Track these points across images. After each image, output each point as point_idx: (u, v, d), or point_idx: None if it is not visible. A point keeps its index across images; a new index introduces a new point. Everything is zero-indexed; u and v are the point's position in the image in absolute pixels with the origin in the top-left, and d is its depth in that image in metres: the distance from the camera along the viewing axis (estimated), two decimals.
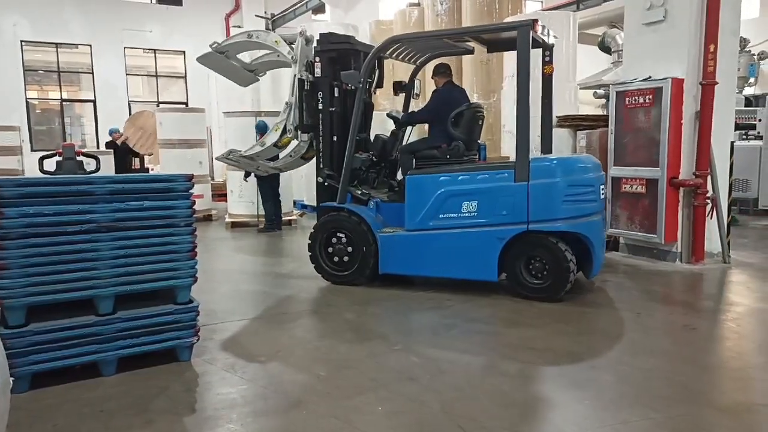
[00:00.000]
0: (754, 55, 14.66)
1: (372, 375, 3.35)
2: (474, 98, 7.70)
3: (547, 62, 5.14)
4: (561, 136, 8.22)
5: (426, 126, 6.18)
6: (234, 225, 9.20)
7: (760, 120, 9.49)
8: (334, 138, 5.57)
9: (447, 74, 5.57)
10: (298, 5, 17.95)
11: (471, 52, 6.01)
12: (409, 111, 6.00)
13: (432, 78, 5.68)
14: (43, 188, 3.11)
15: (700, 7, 5.63)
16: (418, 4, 14.09)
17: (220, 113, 14.33)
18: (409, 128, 5.93)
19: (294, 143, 5.88)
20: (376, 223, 5.17)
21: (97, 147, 16.08)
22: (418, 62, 6.04)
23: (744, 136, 9.83)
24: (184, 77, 19.57)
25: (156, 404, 3.01)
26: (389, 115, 5.85)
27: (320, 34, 5.76)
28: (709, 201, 5.81)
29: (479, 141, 5.67)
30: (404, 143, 5.83)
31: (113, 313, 3.29)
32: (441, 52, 5.95)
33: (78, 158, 4.24)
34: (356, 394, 3.10)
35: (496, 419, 2.80)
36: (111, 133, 10.91)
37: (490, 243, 4.69)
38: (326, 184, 5.59)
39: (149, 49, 18.56)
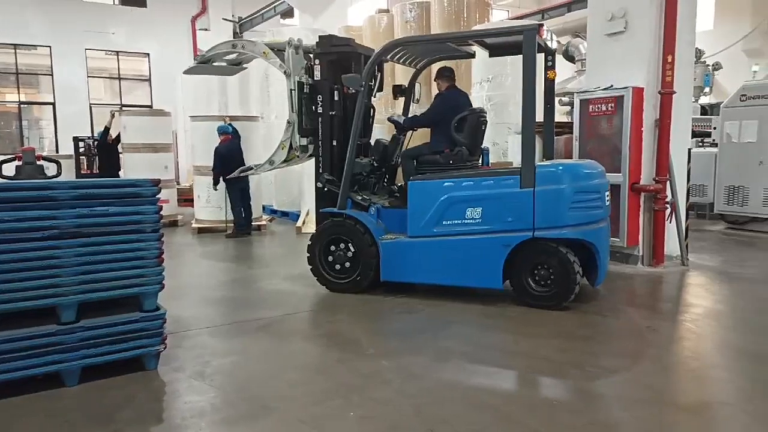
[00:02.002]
0: (708, 65, 15.22)
1: (343, 380, 3.34)
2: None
3: (549, 67, 5.06)
4: None
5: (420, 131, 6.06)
6: (201, 230, 9.06)
7: (715, 128, 9.85)
8: (334, 142, 5.48)
9: (450, 78, 5.45)
10: (267, 9, 17.84)
11: (472, 56, 5.93)
12: (409, 115, 5.87)
13: (435, 81, 5.57)
14: (3, 194, 3.02)
15: (658, 19, 5.83)
16: (388, 11, 14.18)
17: (186, 117, 14.13)
18: (409, 133, 5.82)
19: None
20: (377, 230, 5.05)
21: (57, 151, 15.64)
22: (418, 66, 5.96)
23: (700, 144, 10.20)
24: (149, 80, 19.24)
25: (122, 414, 2.94)
26: (390, 120, 5.74)
27: (320, 36, 5.68)
28: (668, 206, 6.00)
29: (482, 146, 5.61)
30: (404, 148, 5.73)
31: (76, 321, 3.20)
32: (442, 55, 5.88)
33: (38, 162, 4.12)
34: (328, 400, 3.09)
35: (469, 422, 2.83)
36: (101, 135, 10.57)
37: (495, 250, 4.61)
38: (326, 189, 5.48)
39: (112, 51, 18.17)
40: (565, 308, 4.56)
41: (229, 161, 8.21)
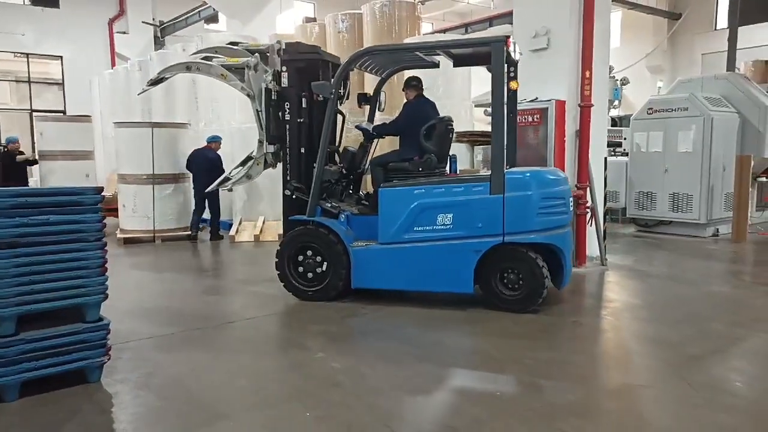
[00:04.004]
0: (617, 80, 16.38)
1: (296, 383, 3.41)
2: (377, 114, 7.94)
3: (512, 78, 5.16)
4: (459, 151, 8.73)
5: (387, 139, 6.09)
6: (127, 241, 8.72)
7: (625, 138, 10.67)
8: (302, 150, 5.45)
9: (418, 87, 5.54)
10: (191, 14, 17.46)
11: (437, 66, 6.04)
12: (377, 124, 5.88)
13: (403, 90, 5.63)
14: None
15: (577, 37, 6.31)
16: (315, 19, 14.25)
17: (104, 123, 13.52)
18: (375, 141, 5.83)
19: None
20: (347, 237, 5.04)
21: None
22: (383, 75, 5.96)
23: (612, 153, 11.00)
24: (61, 83, 18.26)
25: (69, 427, 2.87)
26: (358, 127, 5.74)
27: (286, 43, 5.65)
28: (588, 210, 6.47)
29: (449, 154, 5.71)
30: (371, 156, 5.74)
31: (16, 334, 3.08)
32: (406, 65, 5.96)
33: None
34: (282, 403, 3.15)
35: (421, 416, 2.98)
36: (9, 142, 9.82)
37: (465, 255, 4.68)
38: (294, 196, 5.43)
39: (21, 53, 17.12)
40: (498, 308, 4.80)
41: (198, 164, 8.59)
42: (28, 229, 3.10)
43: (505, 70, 4.86)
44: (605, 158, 6.89)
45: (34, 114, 16.16)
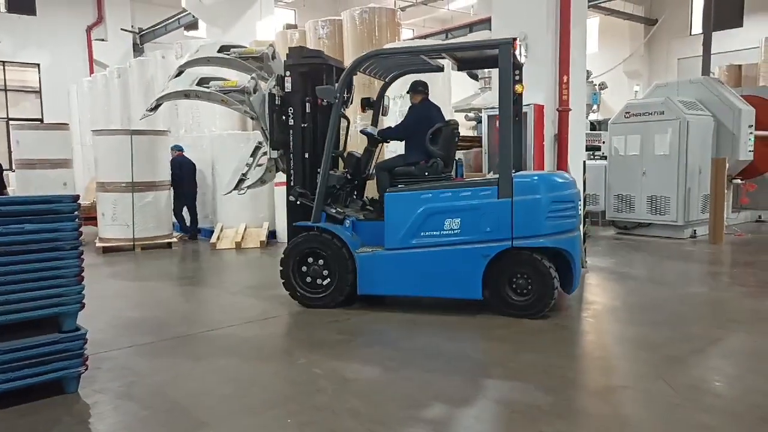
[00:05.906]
0: (595, 85, 16.64)
1: (278, 390, 3.39)
2: (357, 118, 7.97)
3: (517, 81, 5.02)
4: None
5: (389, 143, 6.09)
6: (106, 250, 8.61)
7: (604, 142, 10.82)
8: (306, 155, 5.40)
9: (424, 92, 5.49)
10: (170, 21, 17.38)
11: (441, 69, 5.99)
12: (381, 128, 5.82)
13: (408, 94, 5.62)
14: None
15: (554, 43, 6.40)
16: (296, 26, 14.25)
17: (83, 131, 13.36)
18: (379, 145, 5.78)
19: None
20: (353, 243, 4.99)
21: None
22: (387, 79, 5.91)
23: (591, 156, 11.14)
24: (39, 91, 18.03)
25: None
26: (363, 132, 5.69)
27: (290, 48, 5.60)
28: None
29: (455, 158, 5.66)
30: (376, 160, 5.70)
31: None
32: (410, 69, 5.87)
33: None
34: (265, 410, 3.12)
35: (404, 421, 2.97)
36: None
37: (474, 260, 4.64)
38: (298, 202, 5.37)
39: None
40: (481, 310, 4.81)
41: (188, 170, 9.33)
42: (3, 239, 3.05)
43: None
44: (584, 162, 6.97)
45: (11, 122, 15.90)
